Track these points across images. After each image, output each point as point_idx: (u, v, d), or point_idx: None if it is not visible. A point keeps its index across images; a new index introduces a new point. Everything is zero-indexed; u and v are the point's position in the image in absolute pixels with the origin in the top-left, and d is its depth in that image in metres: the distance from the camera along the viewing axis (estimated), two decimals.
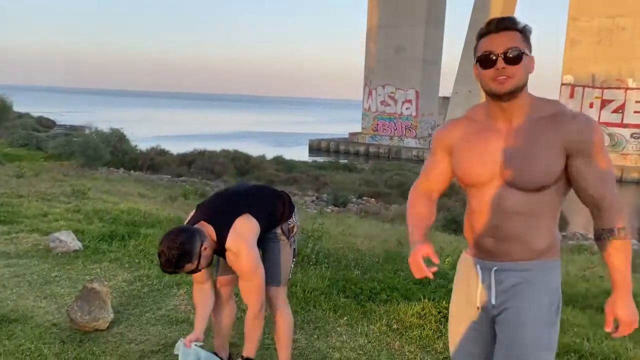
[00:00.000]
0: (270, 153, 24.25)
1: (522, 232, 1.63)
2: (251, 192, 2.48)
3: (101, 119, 28.19)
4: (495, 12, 48.78)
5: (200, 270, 2.28)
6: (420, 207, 1.85)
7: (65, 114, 51.70)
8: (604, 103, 25.66)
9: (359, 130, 34.85)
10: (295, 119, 79.20)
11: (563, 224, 11.65)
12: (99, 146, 18.55)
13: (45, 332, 2.94)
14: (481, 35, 1.64)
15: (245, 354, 2.42)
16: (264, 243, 2.44)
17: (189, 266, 2.20)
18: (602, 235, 1.59)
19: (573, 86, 26.13)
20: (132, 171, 18.05)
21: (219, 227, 2.26)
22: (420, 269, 1.66)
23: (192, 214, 2.42)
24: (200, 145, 23.39)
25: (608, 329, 1.60)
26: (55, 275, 3.87)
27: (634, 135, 25.11)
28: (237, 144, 26.16)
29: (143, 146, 21.81)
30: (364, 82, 34.31)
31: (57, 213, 5.98)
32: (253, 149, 25.07)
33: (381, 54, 32.48)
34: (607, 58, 25.41)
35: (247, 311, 2.37)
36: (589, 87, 25.81)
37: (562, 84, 26.67)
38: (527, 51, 1.58)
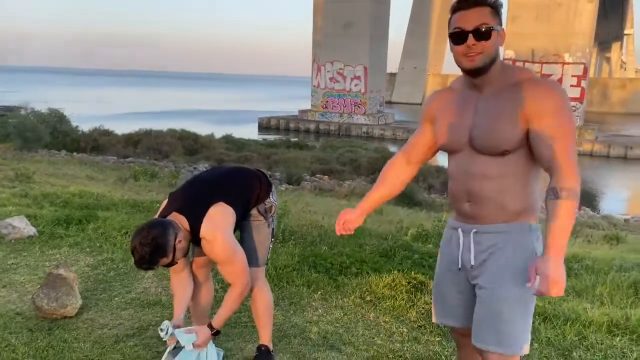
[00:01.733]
0: (218, 132, 23.75)
1: (494, 195, 1.71)
2: (224, 178, 2.39)
3: (38, 98, 26.71)
4: None
5: (176, 263, 2.23)
6: (386, 172, 2.00)
7: None
8: (543, 77, 26.71)
9: (309, 107, 34.72)
10: (243, 97, 77.96)
11: None
12: (37, 127, 17.65)
13: (10, 322, 2.81)
14: (454, 10, 1.69)
15: (214, 323, 2.30)
16: (241, 224, 2.41)
17: (164, 260, 2.14)
18: (547, 195, 1.58)
19: (514, 61, 26.92)
20: (74, 153, 17.33)
21: (192, 218, 2.19)
22: (337, 229, 2.04)
23: (164, 203, 2.34)
24: (145, 125, 22.62)
25: (530, 285, 1.56)
26: (12, 263, 3.69)
27: None
28: (184, 123, 25.48)
29: (85, 127, 20.91)
30: (312, 58, 34.06)
31: (4, 198, 5.68)
32: (200, 128, 24.48)
33: (329, 29, 32.28)
34: (545, 33, 26.38)
35: (231, 287, 2.31)
36: (529, 61, 26.71)
37: (504, 59, 27.45)
38: (496, 26, 1.65)
